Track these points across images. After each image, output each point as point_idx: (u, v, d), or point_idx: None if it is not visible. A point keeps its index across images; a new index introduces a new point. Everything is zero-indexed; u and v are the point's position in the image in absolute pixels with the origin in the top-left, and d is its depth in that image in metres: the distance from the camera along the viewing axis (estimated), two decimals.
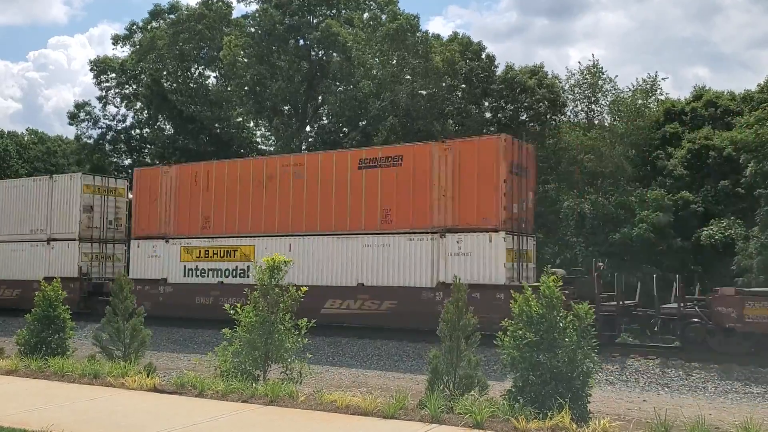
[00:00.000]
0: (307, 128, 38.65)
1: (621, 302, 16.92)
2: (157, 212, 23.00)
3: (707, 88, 34.46)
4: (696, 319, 15.66)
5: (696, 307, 16.04)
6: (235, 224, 21.50)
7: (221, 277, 21.48)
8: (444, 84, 33.12)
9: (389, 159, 19.17)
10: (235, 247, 21.39)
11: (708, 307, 15.80)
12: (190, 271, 22.19)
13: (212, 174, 22.18)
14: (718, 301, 15.55)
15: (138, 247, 23.42)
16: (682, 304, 16.10)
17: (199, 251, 22.12)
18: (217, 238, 21.79)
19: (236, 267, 21.23)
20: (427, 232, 18.27)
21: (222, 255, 21.66)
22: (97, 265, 25.46)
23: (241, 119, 41.32)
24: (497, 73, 35.28)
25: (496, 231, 17.37)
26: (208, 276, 21.80)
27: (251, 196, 21.29)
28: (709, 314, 15.63)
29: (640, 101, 32.40)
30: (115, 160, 46.21)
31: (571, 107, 34.75)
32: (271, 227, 20.82)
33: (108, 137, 45.88)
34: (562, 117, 34.57)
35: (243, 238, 21.29)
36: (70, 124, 46.36)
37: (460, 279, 10.32)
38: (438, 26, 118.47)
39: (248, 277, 19.86)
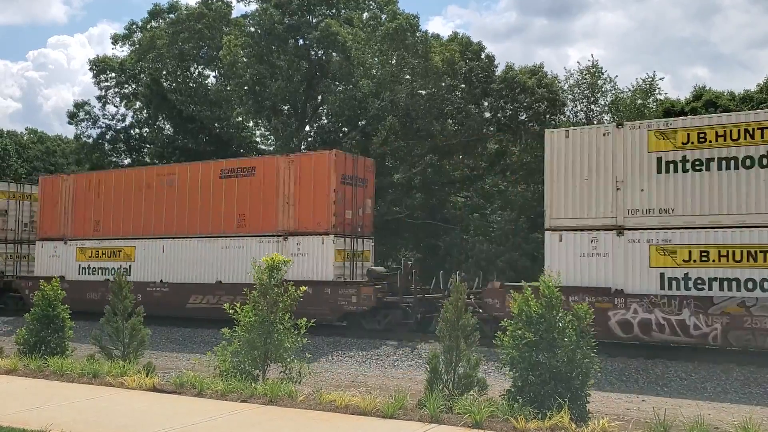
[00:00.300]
0: (307, 128, 38.63)
1: (422, 295, 19.79)
2: (58, 216, 25.42)
3: (707, 87, 34.50)
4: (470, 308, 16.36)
5: (472, 298, 17.73)
6: (120, 227, 24.02)
7: (108, 275, 23.35)
8: (443, 84, 33.11)
9: (245, 170, 21.61)
10: (119, 248, 23.96)
11: (480, 299, 17.85)
12: (84, 270, 24.54)
13: (102, 182, 24.73)
14: (487, 293, 17.60)
15: (42, 247, 25.81)
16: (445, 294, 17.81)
17: (91, 251, 24.67)
18: (105, 240, 24.30)
19: (120, 266, 23.47)
20: (274, 235, 20.74)
21: (109, 255, 24.15)
22: (12, 264, 28.28)
23: (240, 119, 41.29)
24: (497, 73, 35.29)
25: (327, 234, 19.89)
26: (97, 274, 24.20)
27: (133, 202, 23.73)
28: (481, 304, 17.58)
29: (639, 101, 32.44)
30: (114, 159, 46.18)
31: (570, 107, 34.81)
32: (149, 230, 23.30)
33: (107, 137, 45.83)
34: (562, 117, 34.61)
35: (126, 240, 23.80)
36: (70, 123, 46.35)
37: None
38: (437, 26, 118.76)
39: (130, 275, 22.45)
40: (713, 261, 14.95)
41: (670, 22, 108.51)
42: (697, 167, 15.25)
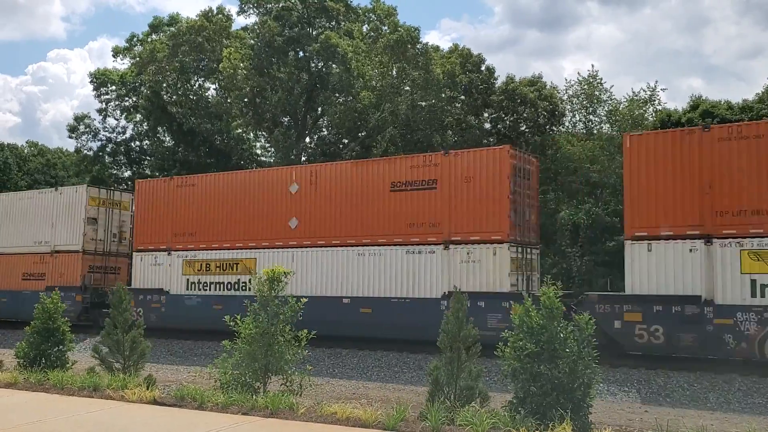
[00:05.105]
0: (307, 139, 38.73)
1: None
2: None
3: (704, 98, 34.58)
4: None
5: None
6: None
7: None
8: (444, 95, 33.21)
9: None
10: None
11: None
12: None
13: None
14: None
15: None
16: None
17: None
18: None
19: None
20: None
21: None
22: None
23: (240, 131, 41.40)
24: (497, 85, 35.42)
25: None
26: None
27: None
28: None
29: (637, 111, 32.53)
30: (114, 172, 46.30)
31: (569, 117, 34.91)
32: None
33: (108, 149, 46.00)
34: (561, 128, 34.71)
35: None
36: (70, 136, 46.54)
37: (459, 289, 10.30)
38: (434, 40, 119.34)
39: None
40: None
41: (662, 34, 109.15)
42: None
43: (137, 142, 46.43)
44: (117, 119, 46.15)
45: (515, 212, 17.58)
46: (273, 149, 39.67)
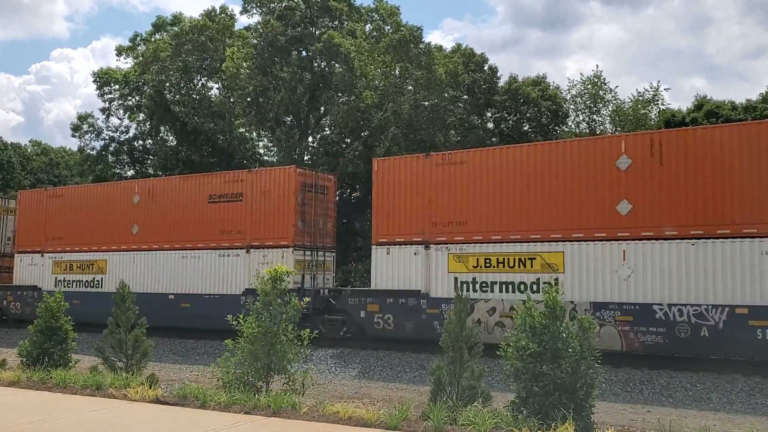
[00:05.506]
0: (309, 139, 38.71)
1: None
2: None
3: (708, 98, 34.57)
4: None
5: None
6: None
7: None
8: (447, 95, 33.19)
9: None
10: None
11: None
12: None
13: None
14: None
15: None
16: None
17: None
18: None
19: None
20: None
21: None
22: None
23: (242, 130, 41.40)
24: (500, 85, 35.39)
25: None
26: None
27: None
28: None
29: (642, 111, 32.50)
30: (118, 171, 46.36)
31: (572, 117, 34.89)
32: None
33: (111, 148, 46.04)
34: (564, 128, 34.68)
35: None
36: (73, 135, 46.58)
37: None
38: (436, 40, 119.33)
39: None
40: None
41: (665, 34, 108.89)
42: None
43: (140, 142, 46.49)
44: (120, 118, 46.23)
45: (303, 221, 20.98)
46: (276, 149, 39.68)
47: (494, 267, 17.39)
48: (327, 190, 22.33)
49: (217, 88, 41.63)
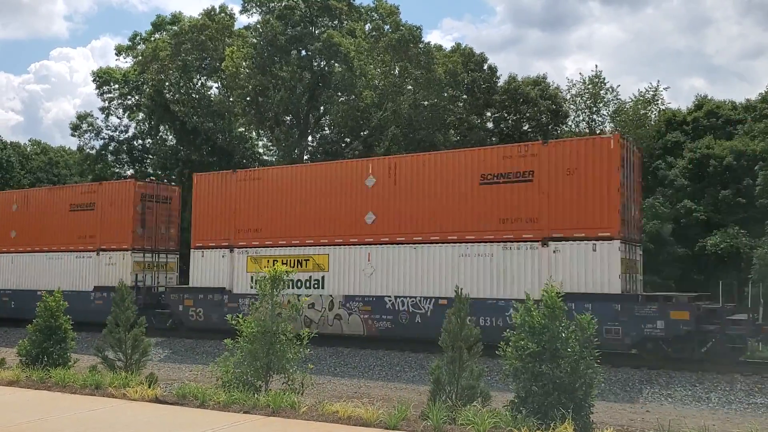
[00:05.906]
0: (309, 138, 38.71)
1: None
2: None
3: (708, 97, 34.56)
4: None
5: None
6: None
7: None
8: (446, 95, 33.18)
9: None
10: None
11: None
12: None
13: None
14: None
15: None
16: None
17: None
18: None
19: None
20: None
21: None
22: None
23: (242, 129, 41.38)
24: (499, 84, 35.37)
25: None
26: None
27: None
28: None
29: (642, 111, 32.48)
30: (117, 170, 46.33)
31: (572, 117, 34.87)
32: None
33: (110, 148, 46.02)
34: (564, 127, 34.67)
35: None
36: (73, 135, 46.55)
37: (461, 290, 10.30)
38: (436, 39, 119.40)
39: None
40: None
41: (664, 34, 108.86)
42: None
43: (140, 141, 46.46)
44: (119, 118, 46.21)
45: (144, 227, 24.49)
46: (275, 148, 39.67)
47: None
48: (170, 200, 25.62)
49: (216, 88, 41.65)
